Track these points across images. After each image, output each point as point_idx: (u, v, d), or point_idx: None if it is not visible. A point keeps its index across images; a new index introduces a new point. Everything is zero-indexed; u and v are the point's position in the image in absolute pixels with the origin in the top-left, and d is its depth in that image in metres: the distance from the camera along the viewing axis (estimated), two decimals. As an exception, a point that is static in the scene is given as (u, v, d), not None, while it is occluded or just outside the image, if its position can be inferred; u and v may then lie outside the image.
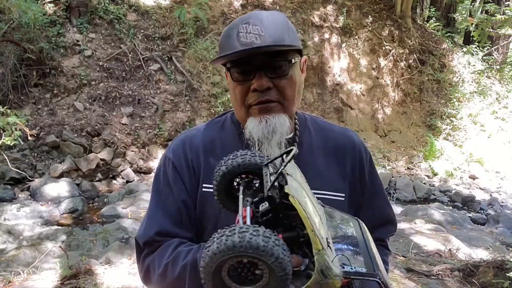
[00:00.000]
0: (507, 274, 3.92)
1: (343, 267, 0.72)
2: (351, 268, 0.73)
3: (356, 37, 12.42)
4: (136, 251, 1.22)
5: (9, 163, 6.76)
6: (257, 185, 0.95)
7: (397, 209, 8.02)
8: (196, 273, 1.00)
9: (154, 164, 8.42)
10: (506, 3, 13.92)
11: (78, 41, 9.35)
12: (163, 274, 1.10)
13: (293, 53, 1.18)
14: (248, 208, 0.81)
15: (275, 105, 1.17)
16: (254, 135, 1.17)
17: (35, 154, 7.92)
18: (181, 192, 1.21)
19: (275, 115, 1.16)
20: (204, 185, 1.20)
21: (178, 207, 1.20)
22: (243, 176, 0.96)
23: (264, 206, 0.78)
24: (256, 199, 0.82)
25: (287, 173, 0.81)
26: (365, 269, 0.74)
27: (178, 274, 1.07)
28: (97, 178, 7.97)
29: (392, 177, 9.76)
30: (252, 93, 1.16)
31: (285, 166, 0.80)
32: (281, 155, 0.87)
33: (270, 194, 0.78)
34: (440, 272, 4.57)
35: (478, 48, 14.02)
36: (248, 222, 0.77)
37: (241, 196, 0.88)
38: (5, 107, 6.01)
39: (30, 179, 7.30)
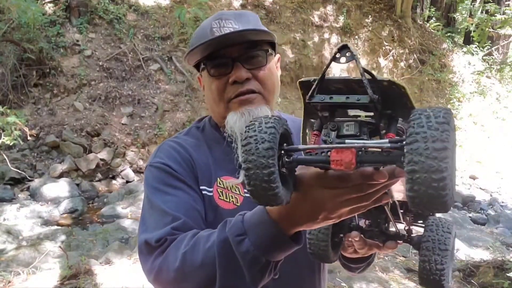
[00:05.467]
0: (507, 274, 3.92)
1: None
2: None
3: (356, 37, 12.41)
4: (144, 254, 1.04)
5: (9, 163, 6.76)
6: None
7: (397, 209, 8.00)
8: (226, 252, 0.87)
9: (154, 164, 8.41)
10: (506, 3, 13.91)
11: (78, 41, 9.35)
12: (181, 266, 0.93)
13: (268, 46, 1.17)
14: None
15: (256, 96, 1.14)
16: (236, 130, 1.11)
17: (35, 154, 7.91)
18: (188, 190, 1.13)
19: (257, 107, 1.13)
20: (201, 187, 1.16)
21: (189, 202, 1.09)
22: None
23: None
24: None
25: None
26: None
27: (201, 260, 0.90)
28: (97, 178, 7.97)
29: (392, 177, 9.74)
30: (231, 86, 1.13)
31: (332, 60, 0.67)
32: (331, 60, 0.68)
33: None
34: (440, 272, 4.56)
35: (478, 48, 14.01)
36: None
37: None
38: (5, 107, 6.03)
39: (30, 179, 7.29)
